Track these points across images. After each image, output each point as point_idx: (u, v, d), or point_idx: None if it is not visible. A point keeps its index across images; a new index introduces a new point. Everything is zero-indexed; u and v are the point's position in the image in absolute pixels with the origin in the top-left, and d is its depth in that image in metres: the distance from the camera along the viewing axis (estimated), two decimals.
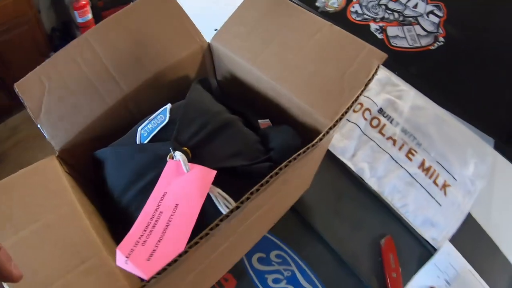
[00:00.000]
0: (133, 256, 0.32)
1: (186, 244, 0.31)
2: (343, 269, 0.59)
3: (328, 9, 0.90)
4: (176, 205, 0.36)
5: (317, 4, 0.91)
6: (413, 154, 0.71)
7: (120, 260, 0.33)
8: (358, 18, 0.86)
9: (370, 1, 0.86)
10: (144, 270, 0.30)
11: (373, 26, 0.85)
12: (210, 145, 0.43)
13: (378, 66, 0.48)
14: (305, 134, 0.48)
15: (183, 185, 0.38)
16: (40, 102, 0.50)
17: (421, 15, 0.86)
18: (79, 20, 1.65)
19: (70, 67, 0.52)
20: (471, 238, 0.64)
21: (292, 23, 0.52)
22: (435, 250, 0.62)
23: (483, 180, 0.70)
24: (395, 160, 0.70)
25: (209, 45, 0.57)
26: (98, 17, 1.73)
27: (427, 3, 0.90)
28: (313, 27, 0.52)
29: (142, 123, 0.47)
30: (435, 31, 0.84)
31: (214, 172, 0.38)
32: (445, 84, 0.80)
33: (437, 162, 0.71)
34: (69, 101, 0.51)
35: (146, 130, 0.46)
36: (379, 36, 0.84)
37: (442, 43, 0.83)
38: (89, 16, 1.65)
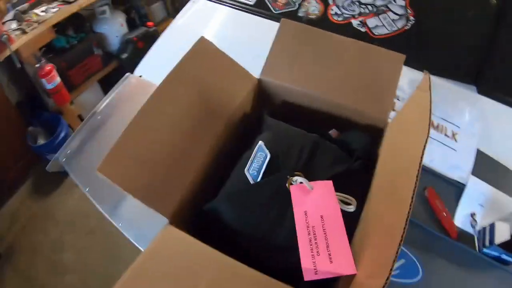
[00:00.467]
0: (319, 266, 0.43)
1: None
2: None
3: (311, 16, 1.03)
4: (321, 216, 0.48)
5: (299, 14, 1.04)
6: None
7: (309, 274, 0.42)
8: (339, 19, 1.01)
9: (345, 1, 1.01)
10: (340, 268, 0.42)
11: (355, 22, 1.00)
12: (312, 163, 0.55)
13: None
14: (366, 132, 0.62)
15: (315, 200, 0.49)
16: (133, 180, 0.49)
17: (390, 2, 1.02)
18: (48, 86, 1.55)
19: (149, 137, 0.53)
20: (486, 167, 0.82)
21: (322, 45, 0.65)
22: (464, 185, 0.80)
23: (479, 120, 0.88)
24: None
25: (259, 80, 0.67)
26: (65, 78, 1.65)
27: None
28: (341, 44, 0.65)
29: (245, 164, 0.55)
30: (405, 12, 1.01)
31: (331, 182, 0.50)
32: (427, 54, 0.97)
33: (442, 118, 0.88)
34: (160, 171, 0.51)
35: (254, 169, 0.55)
36: (362, 30, 0.99)
37: (414, 21, 0.99)
38: (58, 80, 1.58)
